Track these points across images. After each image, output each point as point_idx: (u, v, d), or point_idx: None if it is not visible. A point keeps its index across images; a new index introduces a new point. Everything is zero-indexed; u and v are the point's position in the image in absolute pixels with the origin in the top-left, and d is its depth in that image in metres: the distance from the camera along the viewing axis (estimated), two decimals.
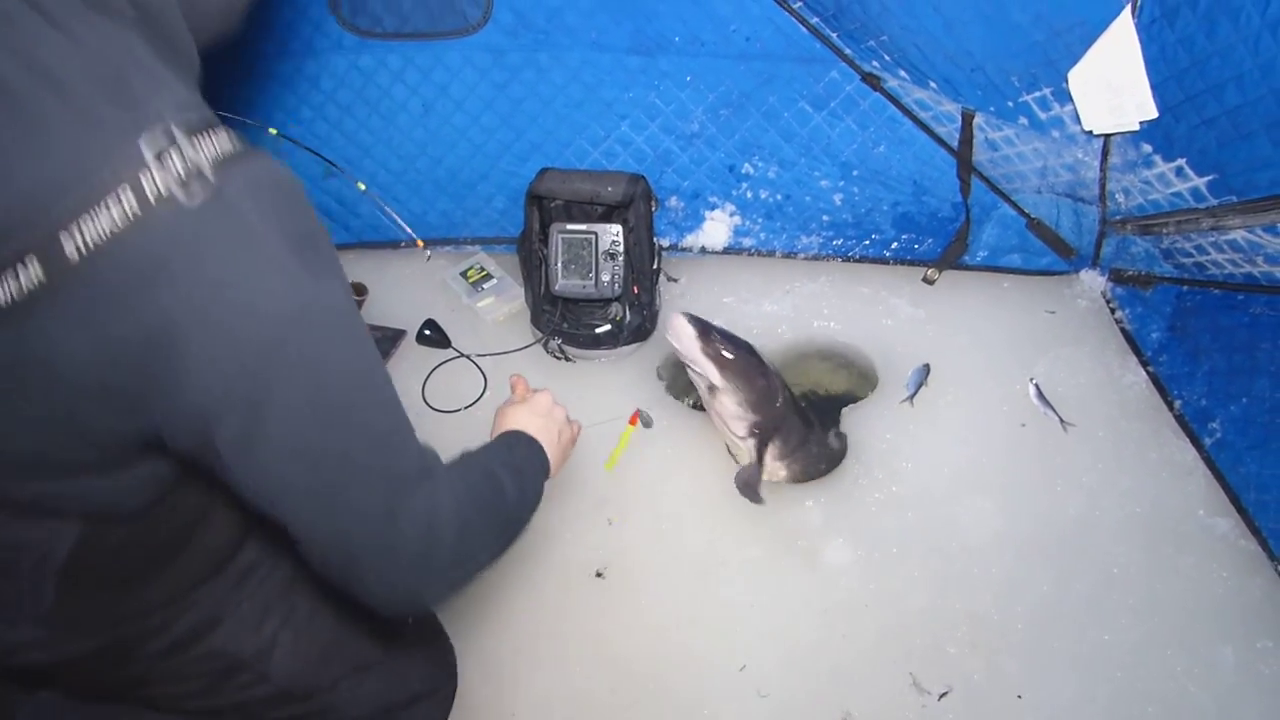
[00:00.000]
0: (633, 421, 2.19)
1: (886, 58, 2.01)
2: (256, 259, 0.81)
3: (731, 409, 1.98)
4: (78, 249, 0.74)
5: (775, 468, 2.05)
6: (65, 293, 0.75)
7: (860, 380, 2.28)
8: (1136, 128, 1.78)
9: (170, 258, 0.76)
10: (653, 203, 2.25)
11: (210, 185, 0.78)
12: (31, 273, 0.74)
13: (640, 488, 2.10)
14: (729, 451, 2.13)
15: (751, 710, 1.80)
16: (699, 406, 2.20)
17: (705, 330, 1.96)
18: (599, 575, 1.98)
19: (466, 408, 2.27)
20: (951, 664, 1.82)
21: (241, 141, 0.83)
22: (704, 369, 1.95)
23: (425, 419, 2.25)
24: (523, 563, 2.00)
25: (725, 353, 1.96)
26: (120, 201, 0.74)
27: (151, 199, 0.75)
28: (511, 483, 1.22)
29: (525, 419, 1.45)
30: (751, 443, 2.01)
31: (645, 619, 1.92)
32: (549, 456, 1.40)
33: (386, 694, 1.52)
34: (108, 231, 0.74)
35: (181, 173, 0.77)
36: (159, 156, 0.76)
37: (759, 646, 1.87)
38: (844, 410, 2.20)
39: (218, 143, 0.80)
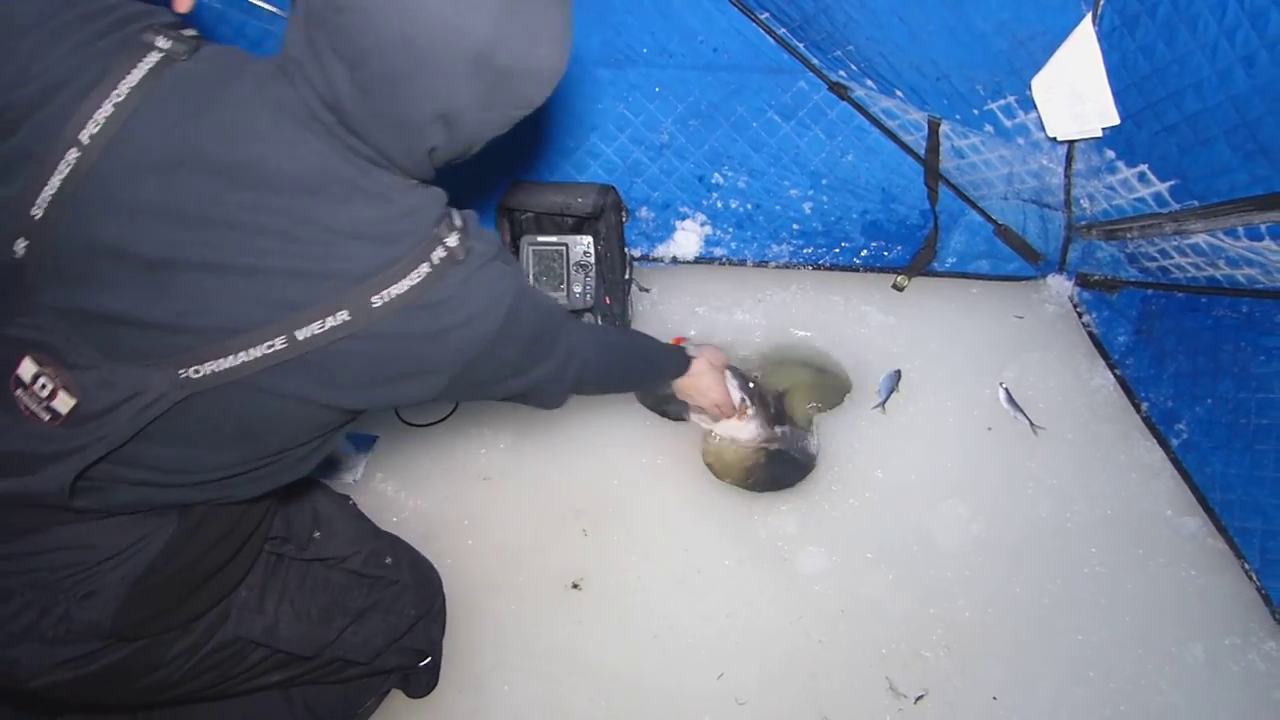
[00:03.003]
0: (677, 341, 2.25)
1: (853, 67, 2.03)
2: (502, 281, 1.16)
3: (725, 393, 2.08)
4: (383, 300, 1.04)
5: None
6: (364, 326, 1.04)
7: (832, 388, 2.29)
8: (1099, 134, 1.80)
9: (451, 295, 1.09)
10: (623, 213, 2.25)
11: (468, 246, 1.12)
12: (338, 317, 1.02)
13: (615, 498, 2.10)
14: (706, 462, 2.14)
15: (729, 717, 1.81)
16: (680, 417, 2.21)
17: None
18: (575, 586, 1.98)
19: (439, 421, 2.26)
20: (927, 667, 1.83)
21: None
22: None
23: (399, 434, 2.24)
24: (499, 576, 2.00)
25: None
26: (418, 272, 1.06)
27: (437, 261, 1.08)
28: (645, 368, 1.80)
29: (707, 370, 1.94)
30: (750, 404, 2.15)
31: (622, 629, 1.92)
32: (685, 379, 1.89)
33: (388, 629, 1.66)
34: (406, 288, 1.05)
35: (457, 241, 1.10)
36: (449, 235, 1.10)
37: (736, 654, 1.88)
38: (816, 417, 2.21)
39: (460, 216, 1.16)
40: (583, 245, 2.18)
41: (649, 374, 1.82)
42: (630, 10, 2.06)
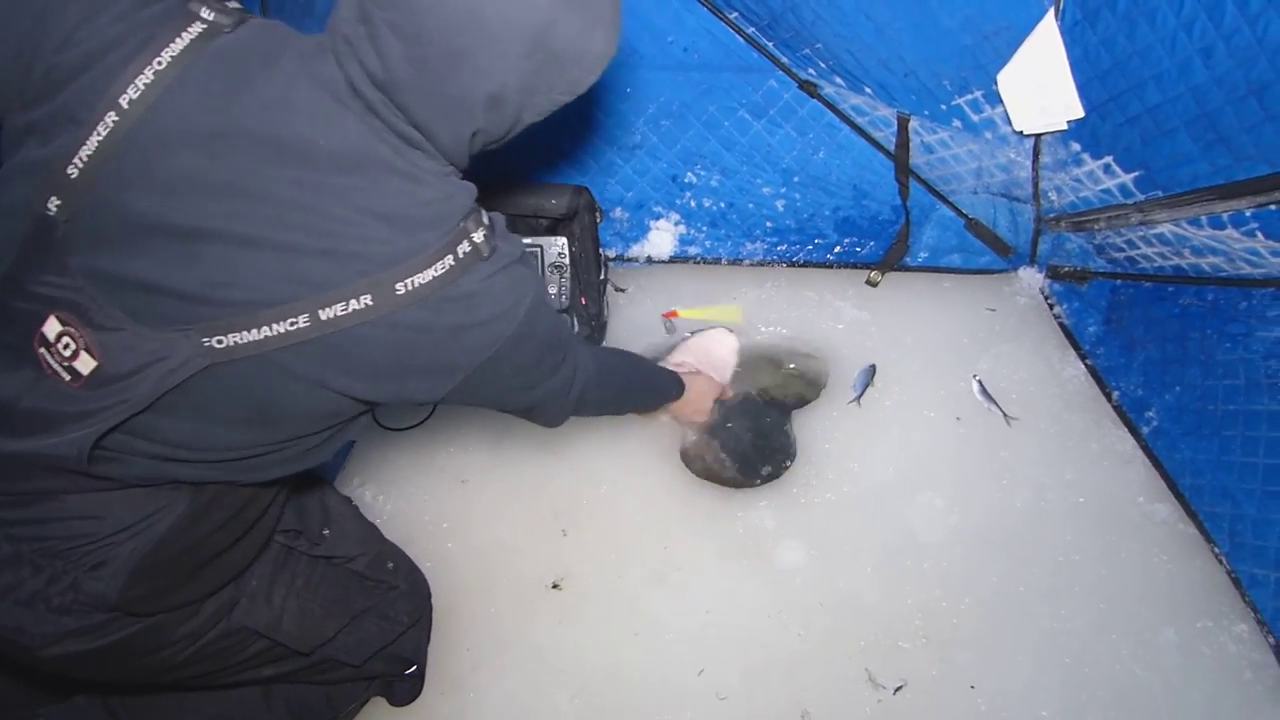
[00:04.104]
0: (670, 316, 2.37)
1: (822, 65, 2.04)
2: (523, 285, 1.15)
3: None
4: (407, 288, 1.03)
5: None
6: (386, 313, 1.03)
7: (808, 383, 2.30)
8: (1064, 127, 1.82)
9: (475, 290, 1.08)
10: (597, 214, 2.26)
11: (493, 244, 1.11)
12: (362, 301, 1.01)
13: (593, 498, 2.11)
14: (682, 460, 2.16)
15: (711, 713, 1.82)
16: None
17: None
18: (555, 587, 1.99)
19: (416, 425, 2.26)
20: (906, 658, 1.85)
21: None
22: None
23: (376, 438, 2.24)
24: (479, 578, 2.00)
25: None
26: (443, 263, 1.05)
27: (462, 254, 1.07)
28: (642, 390, 1.81)
29: (698, 385, 2.01)
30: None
31: (602, 628, 1.93)
32: (682, 399, 1.92)
33: (381, 634, 1.67)
34: (430, 278, 1.04)
35: (483, 238, 1.09)
36: (475, 231, 1.09)
37: (716, 650, 1.89)
38: (793, 413, 2.22)
39: (488, 215, 1.14)
40: (557, 247, 2.18)
41: (647, 396, 1.85)
42: None
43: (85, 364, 1.01)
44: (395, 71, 0.99)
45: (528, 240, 2.18)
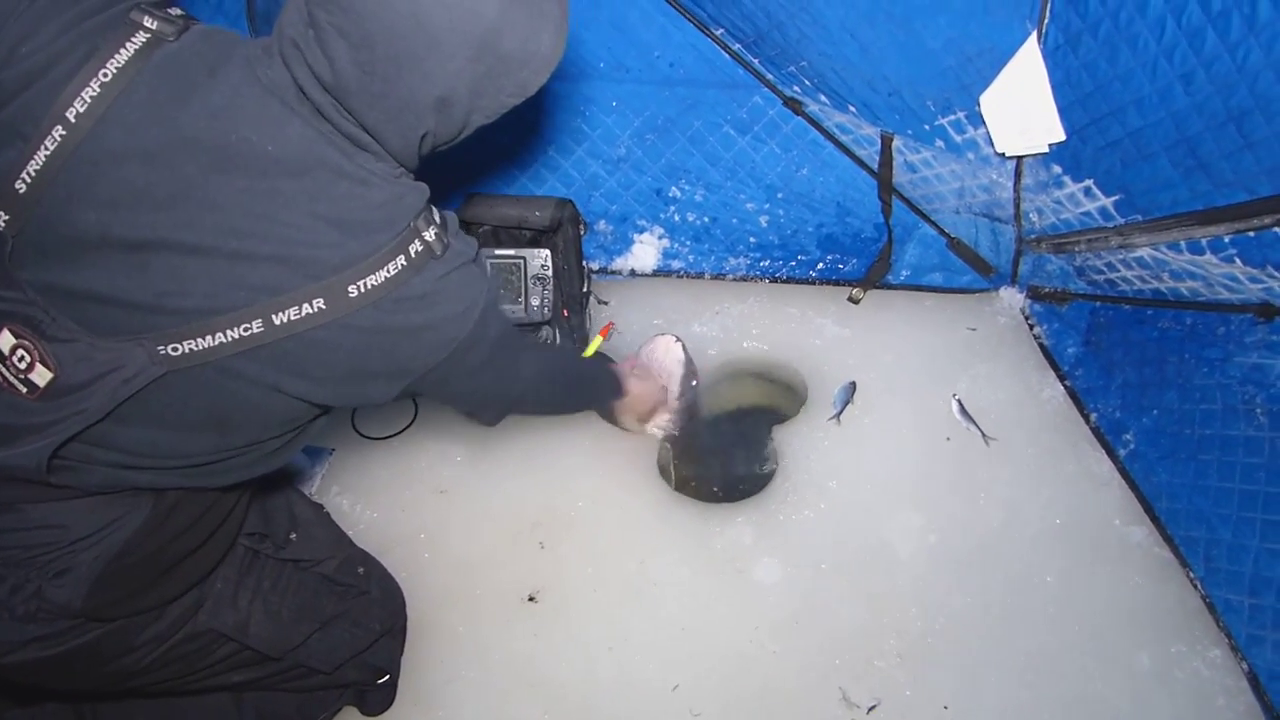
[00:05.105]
0: (604, 333, 2.31)
1: (807, 82, 2.05)
2: (476, 286, 1.16)
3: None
4: (359, 291, 1.03)
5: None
6: (339, 316, 1.03)
7: (788, 399, 2.30)
8: (1046, 150, 1.83)
9: (429, 291, 1.09)
10: (581, 227, 2.26)
11: (445, 242, 1.11)
12: (314, 305, 1.02)
13: (571, 511, 2.10)
14: (661, 475, 2.15)
15: None
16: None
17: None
18: (531, 599, 1.98)
19: (396, 434, 2.25)
20: (880, 677, 1.85)
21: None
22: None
23: (355, 447, 2.23)
24: (455, 588, 1.99)
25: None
26: (395, 264, 1.06)
27: (414, 254, 1.07)
28: (581, 393, 1.81)
29: (639, 388, 1.98)
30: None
31: (578, 641, 1.92)
32: (623, 402, 1.95)
33: (352, 641, 1.66)
34: (382, 280, 1.05)
35: (435, 236, 1.10)
36: (426, 230, 1.09)
37: (691, 666, 1.88)
38: (773, 429, 2.22)
39: (440, 214, 1.15)
40: (540, 258, 2.18)
41: (586, 399, 1.86)
42: (587, 25, 2.07)
43: (41, 376, 1.01)
44: (343, 75, 0.99)
45: (511, 252, 2.18)
